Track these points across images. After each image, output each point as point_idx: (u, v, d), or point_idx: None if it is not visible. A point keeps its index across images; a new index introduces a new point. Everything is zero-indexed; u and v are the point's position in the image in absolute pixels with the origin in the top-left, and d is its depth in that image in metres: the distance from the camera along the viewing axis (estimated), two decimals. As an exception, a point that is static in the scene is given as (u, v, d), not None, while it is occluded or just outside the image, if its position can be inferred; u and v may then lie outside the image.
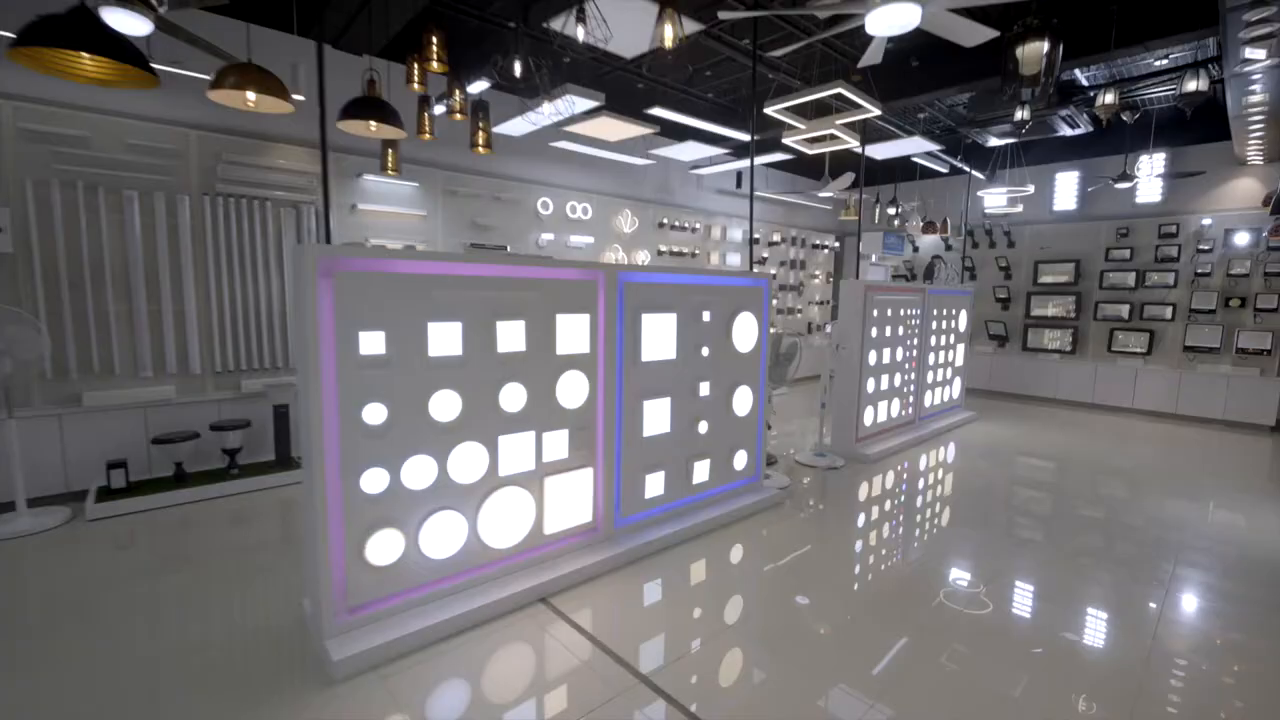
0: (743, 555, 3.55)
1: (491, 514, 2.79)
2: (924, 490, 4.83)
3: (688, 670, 2.40)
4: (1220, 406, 7.19)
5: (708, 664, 2.45)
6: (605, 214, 6.89)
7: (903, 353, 5.94)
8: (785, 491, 4.46)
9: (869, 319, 5.36)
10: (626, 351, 3.31)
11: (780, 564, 3.44)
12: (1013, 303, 8.90)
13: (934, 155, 7.07)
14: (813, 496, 4.46)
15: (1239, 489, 4.98)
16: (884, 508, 4.39)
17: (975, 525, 4.07)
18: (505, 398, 2.78)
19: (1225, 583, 3.25)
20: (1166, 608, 2.97)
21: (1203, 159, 7.17)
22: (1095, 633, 2.77)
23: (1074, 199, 8.34)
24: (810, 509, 4.25)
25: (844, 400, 5.42)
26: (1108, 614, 2.93)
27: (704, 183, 8.25)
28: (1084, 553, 3.62)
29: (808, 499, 4.41)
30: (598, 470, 3.26)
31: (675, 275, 3.54)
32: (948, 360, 6.91)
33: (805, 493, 4.53)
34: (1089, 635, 2.74)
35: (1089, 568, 3.44)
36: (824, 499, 4.44)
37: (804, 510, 4.23)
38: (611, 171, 6.92)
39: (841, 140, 4.86)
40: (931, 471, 5.31)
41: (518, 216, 6.15)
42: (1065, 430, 6.95)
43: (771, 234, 9.10)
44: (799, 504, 4.31)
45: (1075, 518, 4.22)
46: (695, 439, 3.76)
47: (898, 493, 4.71)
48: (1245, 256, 7.06)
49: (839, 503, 4.40)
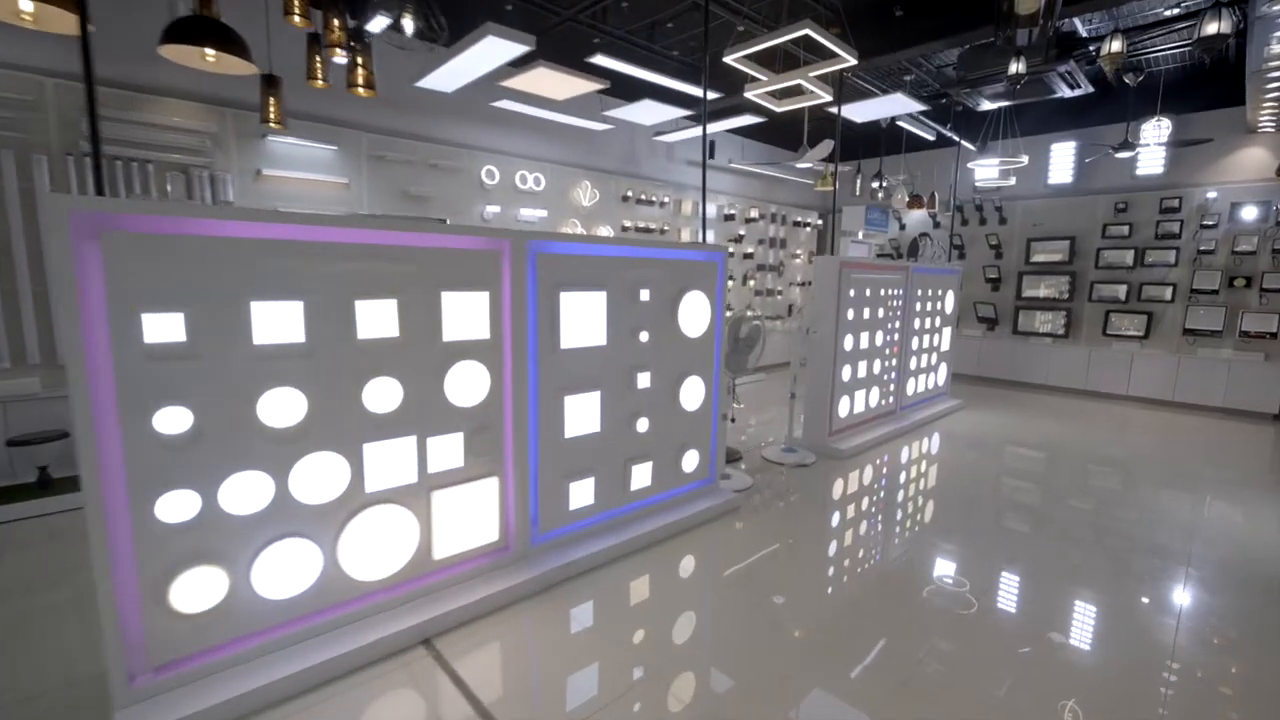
0: (694, 567, 3.07)
1: (357, 540, 2.25)
2: (903, 488, 4.34)
3: (623, 709, 1.93)
4: (1220, 394, 6.75)
5: (651, 695, 2.01)
6: (561, 185, 6.29)
7: (883, 337, 5.42)
8: (746, 494, 3.96)
9: (845, 300, 4.82)
10: (542, 337, 2.76)
11: (737, 573, 2.99)
12: (1003, 283, 8.39)
13: (920, 120, 6.49)
14: (778, 498, 3.96)
15: (1238, 483, 4.54)
16: (857, 508, 3.91)
17: (958, 530, 3.59)
18: (371, 396, 2.23)
19: (1221, 584, 3.00)
20: (1159, 609, 2.77)
21: (1209, 127, 6.63)
22: (1085, 634, 2.57)
23: (1070, 171, 7.80)
24: (773, 513, 3.75)
25: (816, 390, 4.90)
26: (1100, 616, 2.70)
27: (674, 153, 7.64)
28: (1075, 556, 3.15)
29: (772, 501, 3.91)
30: (507, 480, 2.72)
31: (603, 246, 2.98)
32: (933, 345, 6.40)
33: (769, 494, 4.02)
34: (1078, 637, 2.53)
35: (1080, 570, 2.99)
36: (790, 501, 3.94)
37: (766, 514, 3.73)
38: (566, 138, 6.30)
39: (813, 94, 4.28)
40: (912, 467, 4.83)
41: (459, 186, 5.54)
42: (1056, 419, 6.49)
43: (749, 209, 8.51)
44: (761, 507, 3.81)
45: (1064, 518, 3.75)
46: (633, 439, 3.23)
47: (874, 490, 4.23)
48: (1252, 232, 6.56)
49: (806, 505, 3.90)
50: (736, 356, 3.89)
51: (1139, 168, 7.26)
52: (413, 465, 2.38)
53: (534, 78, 4.33)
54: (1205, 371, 6.83)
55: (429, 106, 5.26)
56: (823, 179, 5.78)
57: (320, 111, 4.70)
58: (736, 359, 3.90)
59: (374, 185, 5.02)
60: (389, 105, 5.00)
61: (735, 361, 3.90)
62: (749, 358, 3.97)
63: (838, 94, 4.71)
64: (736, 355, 3.89)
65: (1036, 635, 2.51)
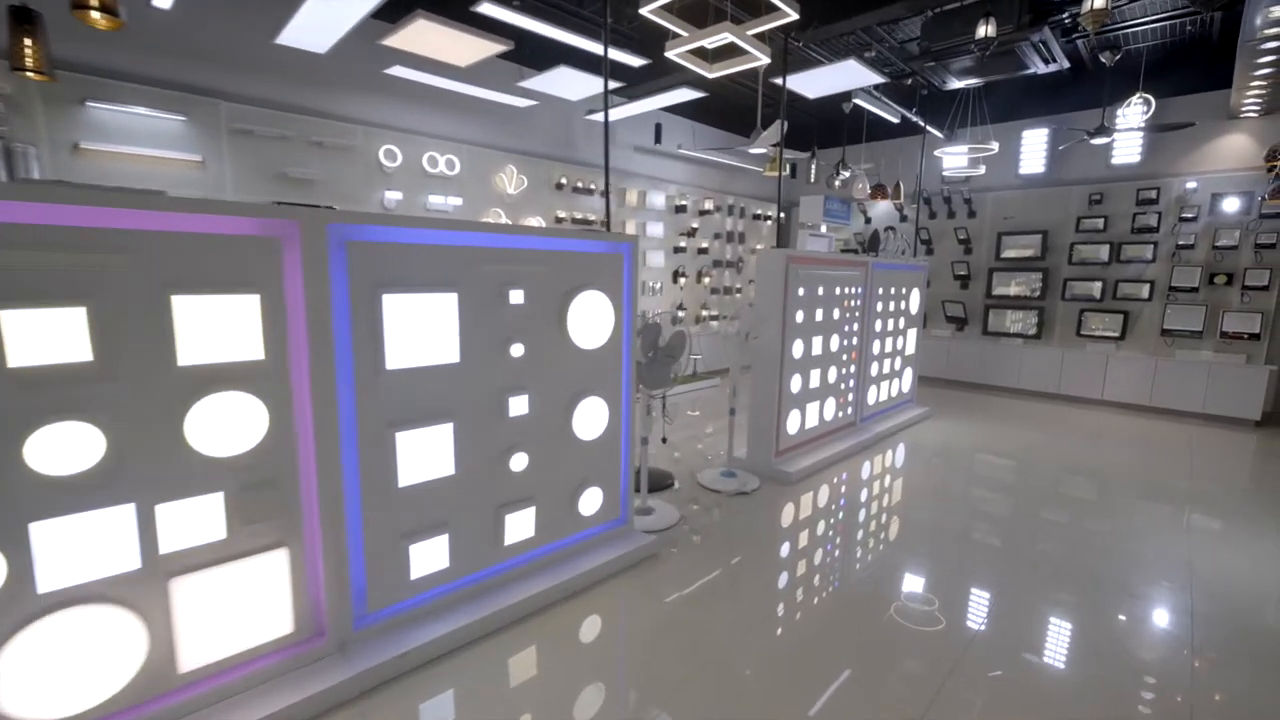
0: (599, 632, 2.46)
1: (27, 663, 1.52)
2: (859, 515, 3.74)
3: None
4: (1200, 398, 6.30)
5: None
6: (480, 170, 5.54)
7: (839, 341, 4.80)
8: (672, 531, 3.30)
9: (793, 300, 4.18)
10: (359, 355, 2.04)
11: (656, 631, 2.40)
12: (973, 280, 7.87)
13: (882, 100, 5.90)
14: (707, 538, 3.30)
15: (1217, 496, 4.04)
16: (804, 541, 3.30)
17: (924, 561, 2.97)
18: (39, 451, 1.50)
19: (1202, 602, 2.79)
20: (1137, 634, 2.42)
21: (1189, 112, 6.16)
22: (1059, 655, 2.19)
23: (1042, 161, 7.30)
24: (703, 552, 3.09)
25: (761, 403, 4.26)
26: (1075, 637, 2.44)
27: (617, 137, 6.94)
28: (1054, 593, 2.54)
29: (703, 538, 3.24)
30: (309, 549, 2.01)
31: (451, 233, 2.27)
32: (896, 348, 5.82)
33: (698, 533, 3.36)
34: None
35: (1055, 598, 2.37)
36: (722, 540, 3.28)
37: (694, 555, 3.07)
38: (485, 115, 5.56)
39: (750, 56, 3.63)
40: (871, 487, 4.22)
41: (351, 168, 4.77)
42: (1027, 428, 5.96)
43: (704, 200, 7.85)
44: (689, 547, 3.15)
45: (1039, 553, 3.14)
46: (507, 480, 2.53)
47: (826, 518, 3.61)
48: (1234, 225, 6.11)
49: (743, 540, 3.25)
50: (656, 369, 3.22)
51: (1115, 156, 6.78)
52: (132, 545, 1.65)
53: (417, 34, 3.59)
54: (1184, 375, 6.37)
55: (306, 72, 4.47)
56: (770, 164, 5.16)
57: (161, 72, 3.89)
58: (656, 372, 3.22)
59: (240, 165, 4.22)
60: (251, 69, 4.21)
61: (654, 375, 3.23)
62: (671, 369, 3.30)
63: (783, 63, 4.06)
64: (656, 367, 3.21)
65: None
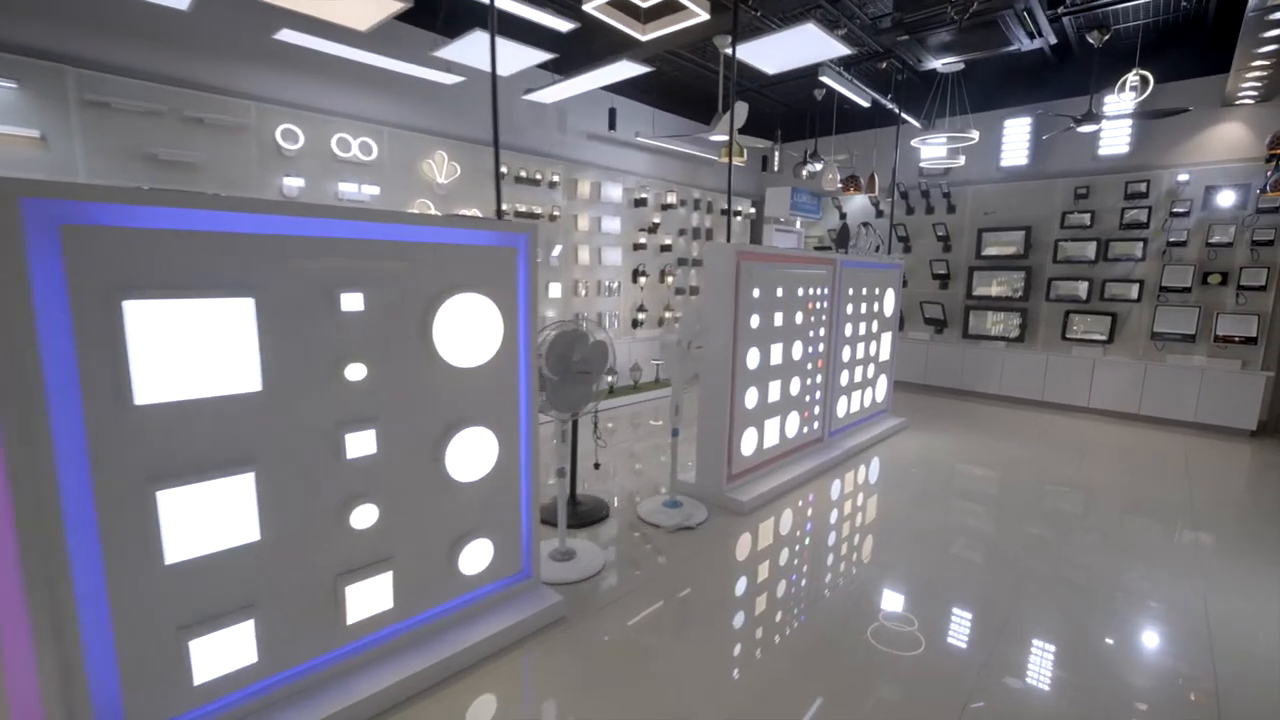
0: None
1: None
2: (824, 545, 3.21)
3: None
4: (1192, 406, 5.87)
5: None
6: (404, 156, 4.92)
7: (803, 349, 4.26)
8: (592, 583, 2.73)
9: (746, 302, 3.63)
10: (88, 387, 1.44)
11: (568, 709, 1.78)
12: (952, 280, 7.40)
13: (853, 82, 5.38)
14: (637, 585, 2.73)
15: (1208, 513, 3.55)
16: (752, 588, 2.76)
17: (901, 599, 2.44)
18: None
19: (1191, 626, 2.63)
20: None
21: (1182, 99, 5.72)
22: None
23: (1025, 152, 6.84)
24: (625, 609, 2.52)
25: (710, 422, 3.71)
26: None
27: (568, 123, 6.35)
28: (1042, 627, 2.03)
29: (626, 590, 2.68)
30: (13, 662, 1.41)
31: (234, 215, 1.66)
32: (869, 355, 5.30)
33: (626, 579, 2.80)
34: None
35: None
36: (656, 587, 2.72)
37: (612, 615, 2.50)
38: (407, 93, 4.94)
39: (685, 13, 3.06)
40: (841, 510, 3.68)
41: (241, 150, 4.13)
42: (1009, 439, 5.49)
43: (666, 193, 7.29)
44: (607, 605, 2.58)
45: (1026, 590, 2.62)
46: (346, 541, 1.94)
47: (784, 554, 3.07)
48: (1229, 221, 5.68)
49: (674, 592, 2.69)
50: (569, 389, 2.64)
51: (1102, 146, 6.34)
52: None
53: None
54: (1175, 381, 5.94)
55: (176, 35, 3.83)
56: (726, 150, 4.63)
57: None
58: (569, 392, 2.65)
59: (95, 144, 3.57)
60: (104, 29, 3.56)
61: (567, 396, 2.65)
62: (588, 389, 2.72)
63: (734, 27, 3.50)
64: (568, 387, 2.64)
65: None
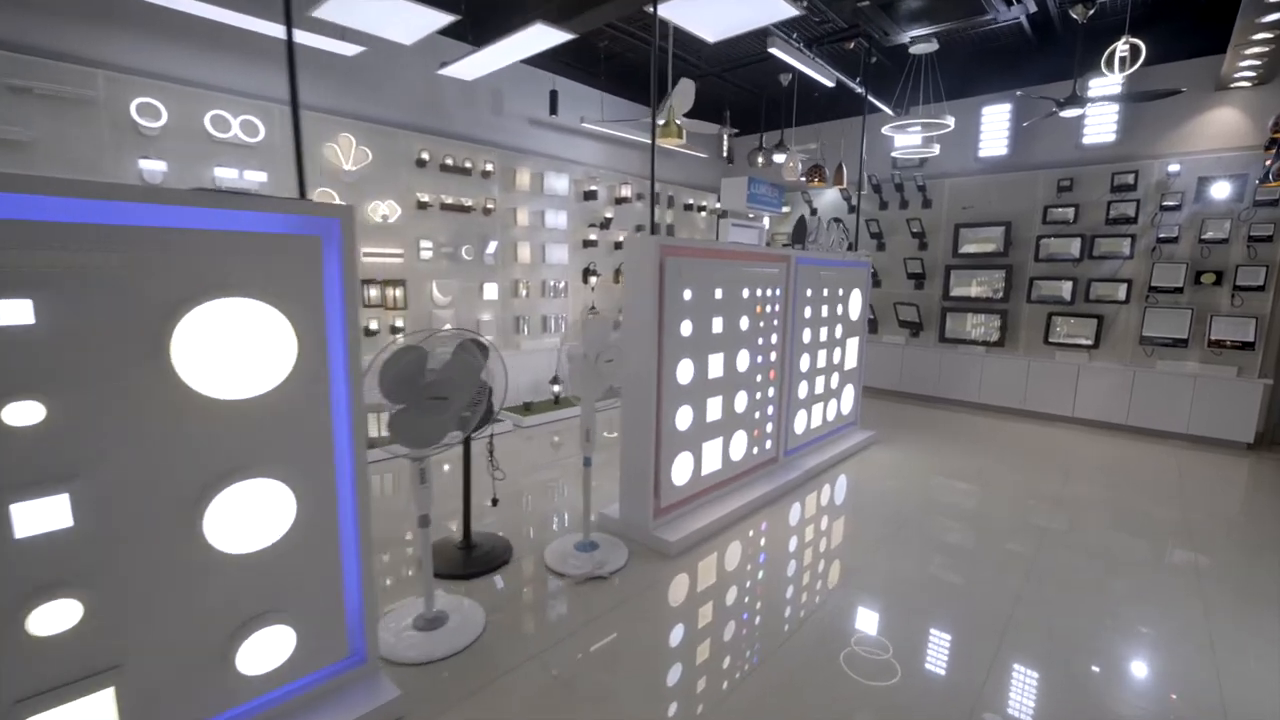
0: None
1: None
2: (774, 594, 2.64)
3: None
4: (1184, 416, 5.40)
5: None
6: (303, 138, 4.31)
7: (750, 358, 3.71)
8: (465, 655, 2.15)
9: (675, 305, 3.07)
10: None
11: None
12: (928, 279, 6.90)
13: (815, 60, 4.85)
14: (518, 668, 2.16)
15: (1203, 546, 3.04)
16: (671, 660, 2.20)
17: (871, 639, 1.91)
18: None
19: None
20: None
21: (1172, 82, 5.24)
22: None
23: (1005, 141, 6.36)
24: (486, 707, 1.96)
25: (633, 448, 3.14)
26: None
27: (505, 106, 5.76)
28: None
29: (503, 676, 2.10)
30: None
31: None
32: (832, 363, 4.77)
33: (509, 655, 2.22)
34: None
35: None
36: (540, 666, 2.15)
37: (486, 704, 1.93)
38: (303, 66, 4.32)
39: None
40: (792, 548, 3.13)
41: (91, 128, 3.51)
42: (987, 452, 4.98)
43: (620, 186, 6.72)
44: (474, 696, 2.00)
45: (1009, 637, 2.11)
46: (26, 654, 1.35)
47: (710, 616, 2.50)
48: (1223, 215, 5.21)
49: (572, 670, 2.12)
50: (418, 420, 2.06)
51: (1086, 135, 5.86)
52: None
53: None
54: (1166, 389, 5.47)
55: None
56: (665, 128, 4.07)
57: None
58: (419, 424, 2.07)
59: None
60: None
61: (416, 428, 2.07)
62: (447, 418, 2.14)
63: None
64: (418, 417, 2.06)
65: None
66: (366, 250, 4.69)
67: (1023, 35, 5.58)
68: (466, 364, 2.17)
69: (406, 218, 4.92)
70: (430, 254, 5.07)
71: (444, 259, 5.22)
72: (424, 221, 5.05)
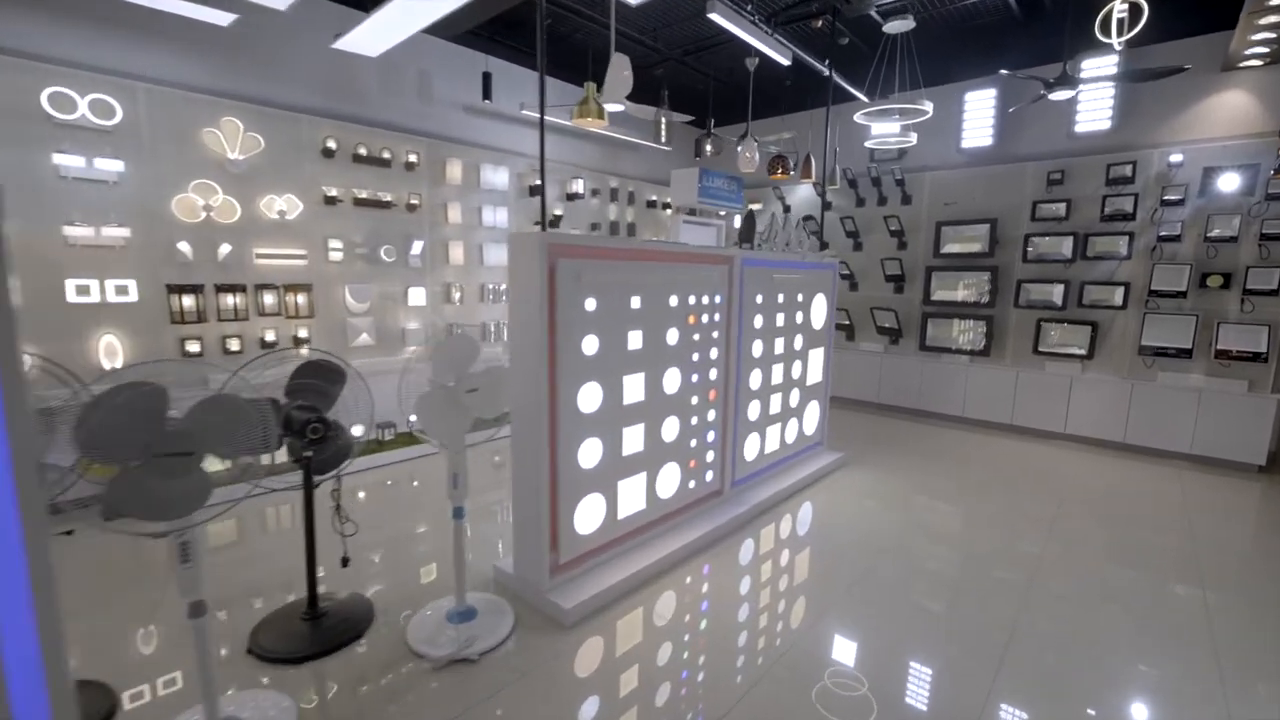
0: None
1: None
2: (711, 671, 2.11)
3: None
4: (1188, 435, 4.85)
5: None
6: (173, 122, 3.73)
7: (682, 377, 3.15)
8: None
9: (572, 316, 2.51)
10: None
11: None
12: (908, 282, 6.35)
13: (774, 36, 4.28)
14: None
15: (1214, 586, 2.51)
16: None
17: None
18: None
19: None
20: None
21: (1174, 62, 4.69)
22: None
23: (990, 131, 5.81)
24: None
25: (524, 492, 2.58)
26: None
27: (434, 92, 5.19)
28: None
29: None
30: None
31: None
32: (791, 378, 4.20)
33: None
34: None
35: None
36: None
37: None
38: (171, 38, 3.74)
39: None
40: (731, 603, 2.57)
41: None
42: (970, 477, 4.41)
43: (571, 181, 6.15)
44: None
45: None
46: None
47: (641, 689, 1.98)
48: (1231, 210, 4.66)
49: None
50: (150, 483, 1.48)
51: (1079, 121, 5.31)
52: None
53: None
54: (1168, 405, 4.92)
55: None
56: (580, 108, 3.49)
57: None
58: (151, 489, 1.49)
59: None
60: None
61: (148, 495, 1.50)
62: (198, 479, 1.57)
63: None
64: (150, 480, 1.48)
65: None
66: (260, 251, 4.12)
67: (1008, 11, 5.02)
68: (233, 407, 1.60)
69: (311, 214, 4.34)
70: (341, 255, 4.49)
71: (359, 260, 4.64)
72: (333, 219, 4.47)
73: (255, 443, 1.58)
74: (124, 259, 3.57)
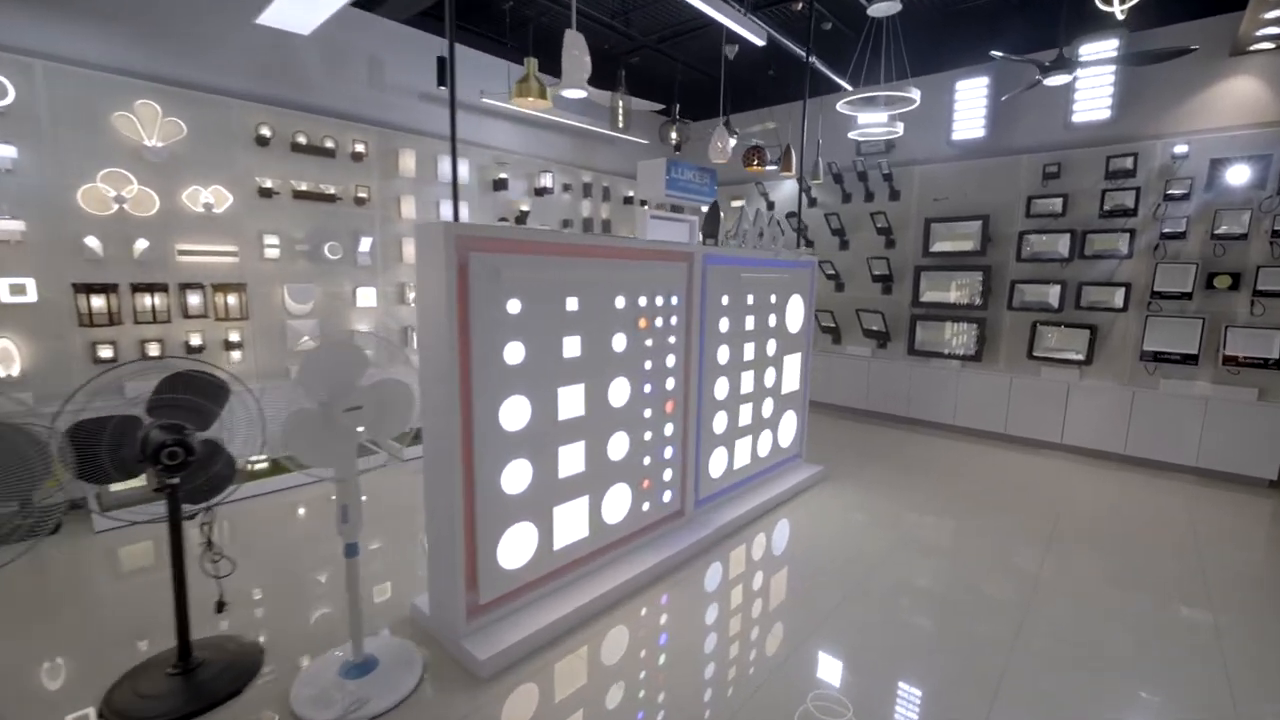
0: None
1: None
2: (672, 709, 1.83)
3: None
4: (1193, 447, 4.52)
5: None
6: (79, 105, 3.38)
7: (632, 388, 2.80)
8: None
9: (489, 320, 2.17)
10: None
11: None
12: (896, 282, 6.01)
13: (747, 14, 3.95)
14: None
15: (1226, 616, 2.21)
16: None
17: None
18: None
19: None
20: None
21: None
22: None
23: (982, 122, 5.48)
24: None
25: (437, 523, 2.24)
26: None
27: (387, 77, 4.85)
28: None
29: None
30: None
31: None
32: (764, 386, 3.87)
33: None
34: None
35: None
36: None
37: None
38: (74, 9, 3.40)
39: None
40: (699, 638, 2.24)
41: None
42: (960, 492, 4.08)
43: (540, 175, 5.81)
44: None
45: None
46: None
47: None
48: (1241, 205, 4.34)
49: None
50: None
51: (1076, 110, 4.98)
52: None
53: None
54: (1171, 414, 4.59)
55: None
56: (523, 80, 3.16)
57: None
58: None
59: None
60: None
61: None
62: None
63: None
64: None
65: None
66: (184, 247, 3.77)
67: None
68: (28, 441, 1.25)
69: (243, 207, 3.99)
70: (278, 252, 4.14)
71: (300, 258, 4.30)
72: (269, 212, 4.12)
73: (18, 486, 1.23)
74: (20, 255, 3.22)
